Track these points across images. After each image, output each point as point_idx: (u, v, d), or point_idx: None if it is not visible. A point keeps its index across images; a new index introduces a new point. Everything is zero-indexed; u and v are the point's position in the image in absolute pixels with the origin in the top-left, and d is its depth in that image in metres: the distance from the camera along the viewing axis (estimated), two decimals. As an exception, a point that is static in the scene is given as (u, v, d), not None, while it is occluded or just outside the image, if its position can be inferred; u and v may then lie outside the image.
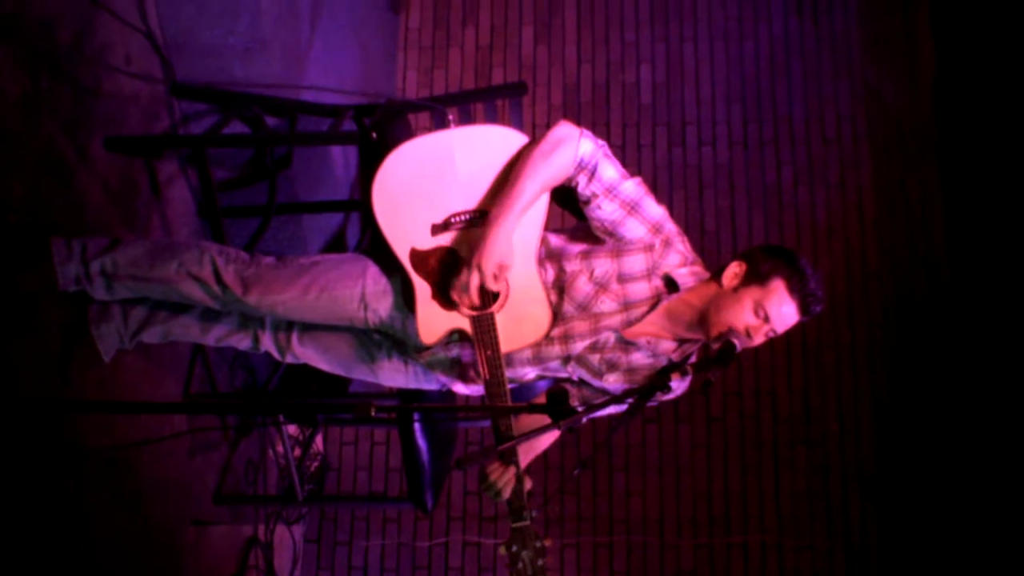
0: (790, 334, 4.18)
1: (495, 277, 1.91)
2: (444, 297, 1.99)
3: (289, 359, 2.37)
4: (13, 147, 2.21)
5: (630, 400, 2.05)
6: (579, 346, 2.07)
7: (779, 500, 4.06)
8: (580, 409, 1.81)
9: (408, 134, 2.69)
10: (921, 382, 4.08)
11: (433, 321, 2.01)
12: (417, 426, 2.85)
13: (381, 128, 2.49)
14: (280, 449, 3.71)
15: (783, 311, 1.98)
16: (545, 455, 2.31)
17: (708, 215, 4.28)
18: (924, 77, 4.36)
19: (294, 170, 3.12)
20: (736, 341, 1.92)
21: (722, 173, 4.36)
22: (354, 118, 2.78)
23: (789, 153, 4.37)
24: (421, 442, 2.85)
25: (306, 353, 2.33)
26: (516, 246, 1.98)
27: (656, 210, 2.01)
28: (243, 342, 2.39)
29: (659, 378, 1.81)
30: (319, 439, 4.09)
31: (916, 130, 4.33)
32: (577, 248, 2.06)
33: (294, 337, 2.32)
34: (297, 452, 3.67)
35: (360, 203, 3.31)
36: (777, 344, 4.15)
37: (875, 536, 4.00)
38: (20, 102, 2.24)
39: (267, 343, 2.36)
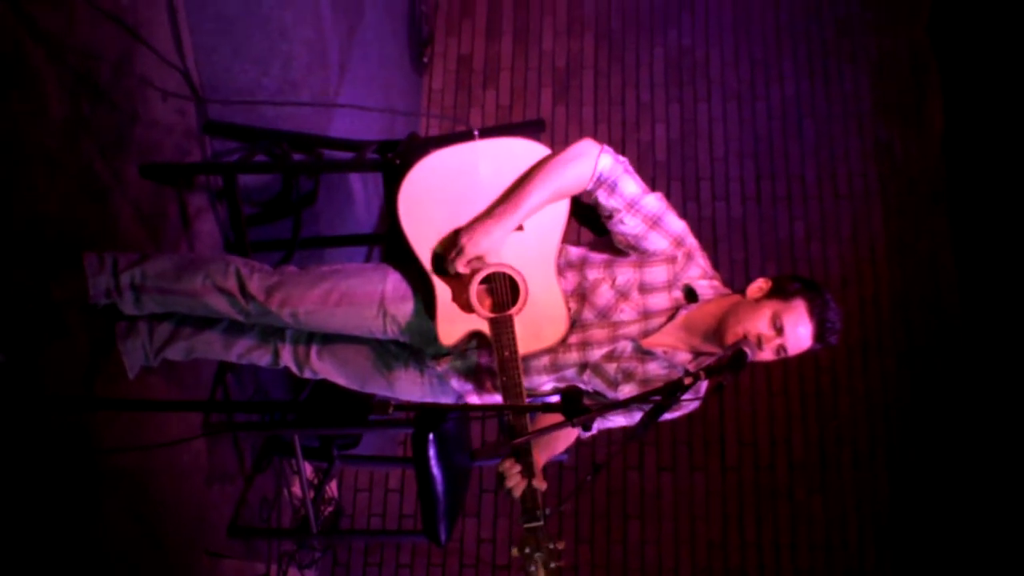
0: (805, 382, 4.23)
1: (469, 265, 1.99)
2: (463, 299, 2.05)
3: (307, 374, 2.41)
4: (53, 166, 2.32)
5: (643, 409, 2.09)
6: (597, 353, 2.10)
7: (795, 548, 4.01)
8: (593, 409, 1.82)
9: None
10: (936, 428, 4.07)
11: (453, 323, 2.06)
12: (432, 456, 2.87)
13: (404, 157, 2.59)
14: (296, 490, 3.72)
15: (799, 330, 1.98)
16: (560, 468, 2.33)
17: (722, 267, 4.32)
18: (933, 134, 4.47)
19: (318, 207, 3.22)
20: (748, 350, 1.93)
21: (736, 227, 4.45)
22: (377, 151, 2.88)
23: (802, 208, 4.46)
24: (436, 472, 2.86)
25: (324, 367, 2.37)
26: (535, 255, 2.04)
27: (678, 224, 2.06)
28: (263, 358, 2.44)
29: (677, 382, 1.81)
30: (333, 485, 4.10)
31: (926, 184, 4.43)
32: (600, 257, 2.11)
33: (313, 351, 2.37)
34: (311, 494, 3.68)
35: (382, 237, 3.39)
36: (793, 394, 4.18)
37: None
38: (62, 123, 2.35)
39: (286, 358, 2.41)
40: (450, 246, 2.02)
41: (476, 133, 2.05)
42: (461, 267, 2.00)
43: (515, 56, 4.86)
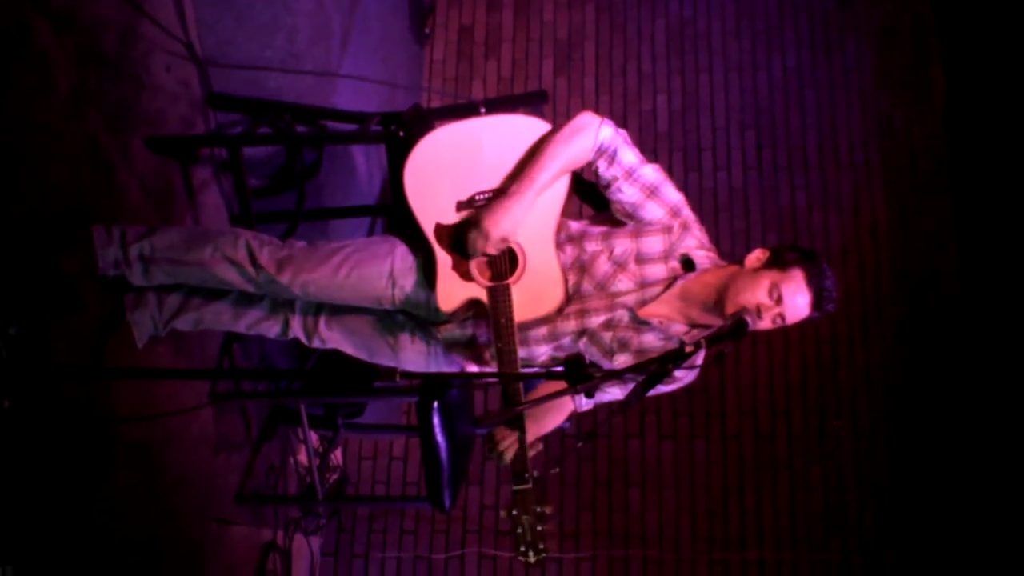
0: (805, 353, 4.25)
1: (496, 246, 2.02)
2: (463, 268, 2.09)
3: (316, 343, 2.45)
4: (60, 138, 2.34)
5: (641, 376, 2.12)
6: (595, 321, 2.14)
7: (794, 517, 4.07)
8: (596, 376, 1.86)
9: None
10: (935, 400, 4.11)
11: (452, 290, 2.11)
12: (436, 424, 2.91)
13: (408, 129, 2.61)
14: (301, 458, 3.77)
15: (796, 299, 2.00)
16: (562, 435, 2.37)
17: (723, 236, 4.37)
18: (935, 104, 4.47)
19: (321, 178, 3.24)
20: (748, 319, 1.95)
21: (737, 197, 4.47)
22: (380, 123, 2.90)
23: (803, 178, 4.47)
24: (440, 439, 2.90)
25: (332, 336, 2.41)
26: (535, 228, 2.08)
27: (675, 195, 2.10)
28: (273, 328, 2.47)
29: (677, 351, 1.82)
30: (338, 453, 4.15)
31: (928, 155, 4.43)
32: (598, 230, 2.15)
33: (322, 321, 2.41)
34: (317, 462, 3.73)
35: (385, 208, 3.41)
36: (793, 364, 4.22)
37: (891, 552, 4.00)
38: (69, 96, 2.37)
39: (296, 328, 2.45)
40: (471, 230, 2.04)
41: (483, 109, 2.08)
42: (490, 248, 2.03)
43: (516, 27, 4.86)
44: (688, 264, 2.11)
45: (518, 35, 4.84)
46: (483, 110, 2.14)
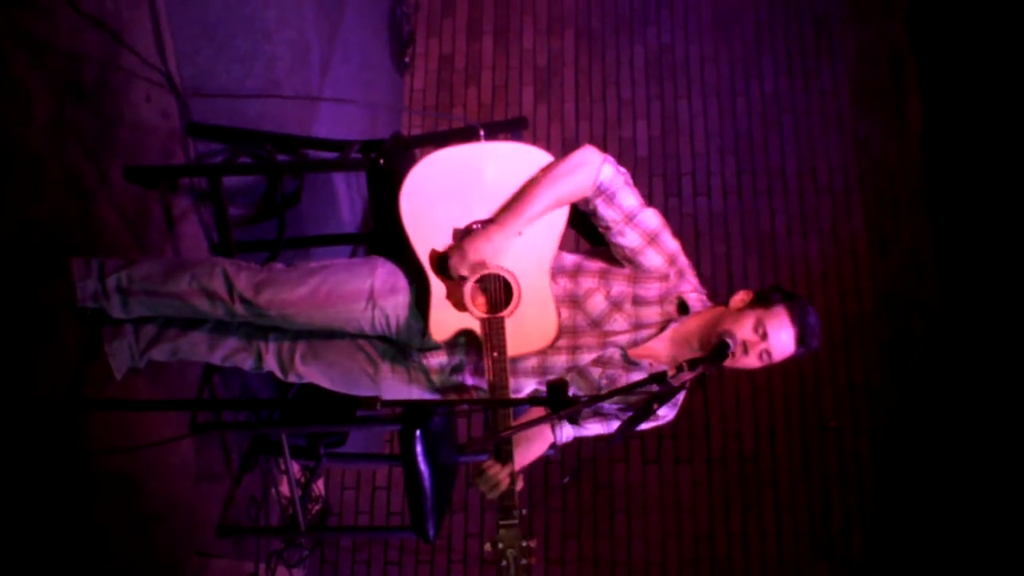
0: (788, 375, 4.27)
1: (471, 269, 2.02)
2: (457, 297, 2.08)
3: (292, 379, 2.40)
4: (39, 168, 2.33)
5: (620, 417, 2.14)
6: (586, 358, 2.15)
7: (780, 539, 4.06)
8: (582, 400, 1.86)
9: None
10: (919, 419, 4.13)
11: (445, 320, 2.09)
12: (419, 452, 2.89)
13: (388, 156, 2.61)
14: (283, 488, 3.73)
15: (781, 334, 2.05)
16: (547, 463, 2.36)
17: (704, 260, 4.39)
18: (912, 128, 4.53)
19: (302, 207, 3.23)
20: (730, 341, 1.98)
21: (717, 222, 4.50)
22: (360, 151, 2.90)
23: (782, 202, 4.51)
24: (423, 468, 2.88)
25: (309, 371, 2.36)
26: (531, 261, 2.08)
27: (673, 243, 2.13)
28: (247, 361, 2.43)
29: (661, 373, 1.84)
30: (320, 483, 4.11)
31: (905, 176, 4.49)
32: (595, 266, 2.15)
33: (297, 355, 2.35)
34: (299, 493, 3.69)
35: (366, 236, 3.41)
36: (776, 386, 4.23)
37: (878, 573, 3.99)
38: (47, 126, 2.36)
39: (270, 362, 2.40)
40: (452, 250, 2.05)
41: (482, 134, 2.09)
42: (464, 270, 2.03)
43: (496, 55, 4.89)
44: (683, 307, 2.14)
45: (498, 63, 4.87)
46: (482, 132, 2.13)
